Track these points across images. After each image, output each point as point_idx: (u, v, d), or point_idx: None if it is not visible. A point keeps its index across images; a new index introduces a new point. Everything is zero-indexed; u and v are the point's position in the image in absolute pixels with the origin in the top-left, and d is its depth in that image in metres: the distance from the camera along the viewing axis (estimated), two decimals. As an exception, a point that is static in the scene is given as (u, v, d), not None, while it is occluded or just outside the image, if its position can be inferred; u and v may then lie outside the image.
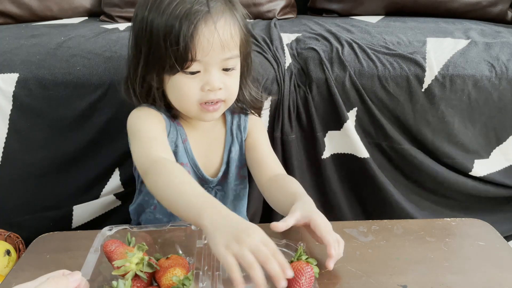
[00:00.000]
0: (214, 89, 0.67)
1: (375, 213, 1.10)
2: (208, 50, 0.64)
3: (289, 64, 1.00)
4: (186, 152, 0.77)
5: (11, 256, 1.00)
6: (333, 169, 1.07)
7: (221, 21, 0.65)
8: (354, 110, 1.00)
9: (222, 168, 0.81)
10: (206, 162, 0.80)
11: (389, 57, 1.00)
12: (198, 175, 0.79)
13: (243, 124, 0.81)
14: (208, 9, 0.63)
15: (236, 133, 0.81)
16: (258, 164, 0.80)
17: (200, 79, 0.67)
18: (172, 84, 0.69)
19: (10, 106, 0.95)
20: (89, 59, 0.97)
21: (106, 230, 0.56)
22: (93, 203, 1.06)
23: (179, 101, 0.70)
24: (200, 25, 0.63)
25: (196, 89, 0.67)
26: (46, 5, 1.36)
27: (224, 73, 0.68)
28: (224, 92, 0.69)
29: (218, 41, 0.64)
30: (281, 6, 1.43)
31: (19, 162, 1.00)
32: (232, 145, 0.81)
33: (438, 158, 1.06)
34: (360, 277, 0.58)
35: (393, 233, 0.68)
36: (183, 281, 0.47)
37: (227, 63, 0.67)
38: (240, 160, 0.83)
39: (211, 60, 0.65)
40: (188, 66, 0.65)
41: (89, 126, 0.98)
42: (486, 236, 0.68)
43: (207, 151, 0.80)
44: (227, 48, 0.65)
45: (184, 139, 0.77)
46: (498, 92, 1.00)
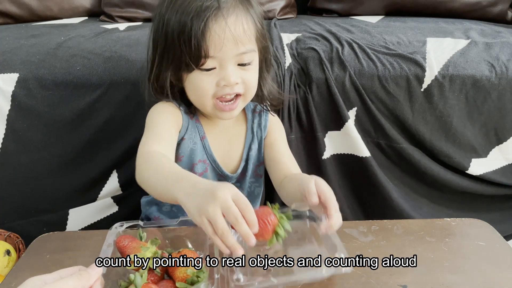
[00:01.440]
0: (230, 84, 0.67)
1: (374, 212, 1.11)
2: (220, 46, 0.64)
3: (289, 64, 1.00)
4: (204, 149, 0.78)
5: (11, 256, 1.00)
6: (333, 170, 1.07)
7: (232, 16, 0.65)
8: (353, 110, 1.00)
9: (242, 165, 0.81)
10: (226, 159, 0.81)
11: (389, 57, 1.00)
12: (218, 171, 0.80)
13: (263, 123, 0.82)
14: (218, 5, 0.64)
15: (256, 131, 0.82)
16: (275, 163, 0.81)
17: (216, 75, 0.67)
18: (189, 81, 0.69)
19: (8, 106, 0.95)
20: (89, 59, 0.97)
21: (118, 226, 0.57)
22: (89, 207, 1.05)
23: (196, 98, 0.71)
24: (211, 22, 0.63)
25: (212, 84, 0.68)
26: (46, 5, 1.36)
27: (241, 68, 0.68)
28: (242, 86, 0.69)
29: (230, 36, 0.64)
30: (281, 6, 1.43)
31: (15, 163, 0.99)
32: (252, 143, 0.82)
33: (435, 157, 1.06)
34: (360, 277, 0.58)
35: (393, 233, 0.68)
36: (198, 274, 0.48)
37: (242, 58, 0.67)
38: (258, 158, 0.83)
39: (225, 56, 0.65)
40: (203, 63, 0.66)
41: (88, 127, 0.97)
42: (486, 236, 0.68)
43: (227, 147, 0.81)
44: (240, 43, 0.65)
45: (202, 136, 0.77)
46: (497, 92, 1.00)
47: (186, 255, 0.51)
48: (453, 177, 1.08)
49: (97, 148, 0.99)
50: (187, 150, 0.77)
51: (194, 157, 0.77)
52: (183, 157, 0.77)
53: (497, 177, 1.09)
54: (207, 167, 0.79)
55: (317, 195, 0.57)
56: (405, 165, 1.07)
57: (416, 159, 1.05)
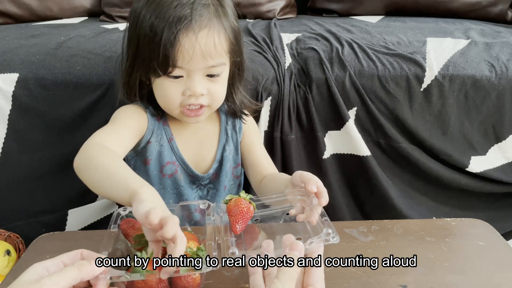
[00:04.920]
0: (195, 95, 0.68)
1: (373, 211, 1.11)
2: (188, 59, 0.64)
3: (289, 64, 1.00)
4: (172, 151, 0.78)
5: (11, 256, 1.00)
6: (333, 169, 1.07)
7: (204, 30, 0.64)
8: (353, 110, 1.00)
9: (214, 165, 0.81)
10: (198, 159, 0.81)
11: (389, 57, 1.00)
12: (188, 172, 0.80)
13: (238, 125, 0.83)
14: (191, 18, 0.63)
15: (231, 133, 0.82)
16: (253, 166, 0.82)
17: (183, 84, 0.68)
18: (156, 85, 0.70)
19: (10, 106, 0.95)
20: (89, 59, 0.97)
21: (121, 211, 0.58)
22: (88, 207, 1.05)
23: (163, 102, 0.72)
24: (181, 35, 0.63)
25: (178, 93, 0.68)
26: (46, 5, 1.36)
27: (208, 79, 0.69)
28: (207, 97, 0.70)
29: (199, 51, 0.64)
30: (281, 6, 1.43)
31: (16, 163, 1.00)
32: (226, 144, 0.82)
33: (435, 155, 1.06)
34: (360, 277, 0.58)
35: (393, 233, 0.68)
36: (197, 252, 0.50)
37: (210, 70, 0.67)
38: (235, 160, 0.84)
39: (193, 67, 0.66)
40: (170, 72, 0.66)
41: (88, 127, 0.97)
42: (486, 236, 0.68)
43: (198, 148, 0.81)
44: (209, 57, 0.65)
45: (170, 138, 0.77)
46: (497, 92, 1.00)
47: (186, 236, 0.53)
48: (452, 174, 1.08)
49: (98, 148, 0.99)
50: (154, 152, 0.77)
51: (162, 159, 0.77)
52: (151, 160, 0.77)
53: (496, 175, 1.09)
54: (176, 168, 0.78)
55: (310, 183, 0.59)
56: (405, 164, 1.07)
57: (416, 157, 1.05)
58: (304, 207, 0.60)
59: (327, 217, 0.57)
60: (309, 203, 0.59)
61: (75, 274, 0.42)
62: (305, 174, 0.61)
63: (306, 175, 0.60)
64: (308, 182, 0.58)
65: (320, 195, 0.57)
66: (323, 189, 0.58)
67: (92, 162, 0.58)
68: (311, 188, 0.57)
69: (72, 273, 0.42)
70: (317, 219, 0.57)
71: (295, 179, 0.62)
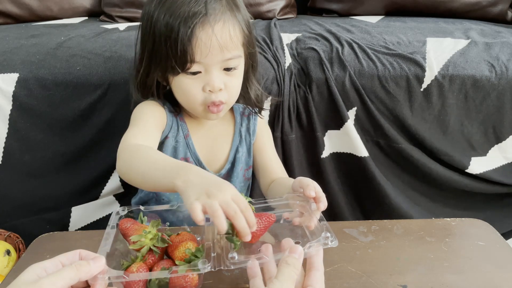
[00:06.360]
0: (214, 90, 0.68)
1: (371, 210, 1.11)
2: (206, 53, 0.65)
3: (289, 64, 1.00)
4: (187, 147, 0.78)
5: (11, 256, 1.00)
6: (332, 168, 1.07)
7: (219, 23, 0.65)
8: (353, 110, 1.00)
9: (227, 166, 0.82)
10: (211, 158, 0.81)
11: (389, 57, 1.00)
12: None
13: (252, 127, 0.83)
14: (206, 12, 0.64)
15: (245, 135, 0.83)
16: (263, 168, 0.83)
17: (201, 80, 0.68)
18: (176, 83, 0.70)
19: (10, 106, 0.95)
20: (89, 59, 0.97)
21: (120, 210, 0.58)
22: (92, 204, 1.06)
23: (185, 101, 0.72)
24: (198, 29, 0.63)
25: (198, 89, 0.69)
26: (46, 5, 1.36)
27: (225, 73, 0.69)
28: (225, 93, 0.70)
29: (216, 43, 0.64)
30: (281, 6, 1.43)
31: (19, 162, 1.00)
32: (239, 146, 0.82)
33: (435, 156, 1.06)
34: (360, 277, 0.58)
35: (393, 233, 0.68)
36: (195, 253, 0.50)
37: (228, 63, 0.68)
38: (247, 162, 0.84)
39: (211, 61, 0.66)
40: (189, 68, 0.66)
41: (89, 126, 0.98)
42: (486, 236, 0.68)
43: (212, 147, 0.81)
44: (226, 49, 0.66)
45: (186, 134, 0.78)
46: (497, 92, 1.00)
47: (185, 237, 0.54)
48: (452, 175, 1.08)
49: (99, 147, 1.00)
50: (170, 148, 0.77)
51: (176, 155, 0.78)
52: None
53: (496, 176, 1.09)
54: None
55: (309, 188, 0.59)
56: (405, 164, 1.07)
57: (416, 158, 1.05)
58: (303, 212, 0.60)
59: (326, 222, 0.57)
60: (308, 208, 0.59)
61: (73, 274, 0.42)
62: (304, 179, 0.61)
63: (305, 180, 0.60)
64: (307, 188, 0.58)
65: (319, 200, 0.57)
66: (322, 194, 0.58)
67: (133, 162, 0.59)
68: (309, 193, 0.57)
69: (70, 273, 0.42)
70: (315, 224, 0.57)
71: (295, 184, 0.62)
